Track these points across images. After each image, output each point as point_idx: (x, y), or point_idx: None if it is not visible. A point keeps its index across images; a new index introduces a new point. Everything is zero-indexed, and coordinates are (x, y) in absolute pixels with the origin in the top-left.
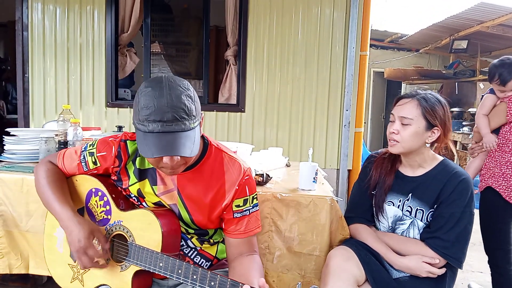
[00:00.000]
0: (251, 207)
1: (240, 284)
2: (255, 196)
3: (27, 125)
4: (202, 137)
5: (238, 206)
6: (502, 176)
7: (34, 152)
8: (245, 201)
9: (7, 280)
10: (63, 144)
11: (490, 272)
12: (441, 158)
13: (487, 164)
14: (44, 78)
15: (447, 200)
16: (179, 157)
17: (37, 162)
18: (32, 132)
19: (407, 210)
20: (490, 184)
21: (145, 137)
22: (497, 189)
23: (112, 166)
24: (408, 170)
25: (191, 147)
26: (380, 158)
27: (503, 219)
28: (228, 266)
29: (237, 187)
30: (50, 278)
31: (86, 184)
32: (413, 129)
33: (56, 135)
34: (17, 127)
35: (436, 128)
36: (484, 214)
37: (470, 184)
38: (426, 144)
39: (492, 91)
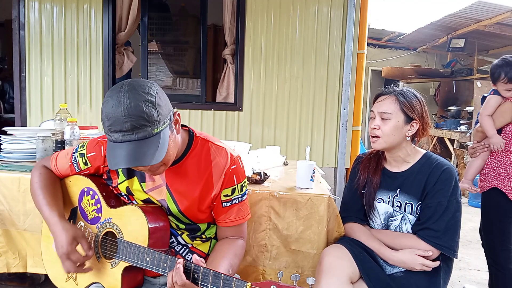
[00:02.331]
0: (240, 196)
1: (223, 275)
2: (243, 184)
3: (24, 124)
4: (188, 130)
5: (226, 195)
6: (508, 177)
7: (31, 151)
8: (234, 190)
9: (5, 280)
10: (60, 143)
11: (490, 272)
12: (423, 151)
13: (489, 164)
14: (41, 77)
15: (432, 190)
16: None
17: (34, 161)
18: (29, 131)
19: (397, 206)
20: (496, 185)
21: (110, 147)
22: (503, 190)
23: (102, 166)
24: (394, 166)
25: (153, 154)
26: (366, 159)
27: (508, 219)
28: None
29: (224, 176)
30: (47, 277)
31: (79, 184)
32: (393, 123)
33: (53, 134)
34: (14, 126)
35: (414, 121)
36: (488, 214)
37: (453, 173)
38: (407, 138)
39: (496, 92)
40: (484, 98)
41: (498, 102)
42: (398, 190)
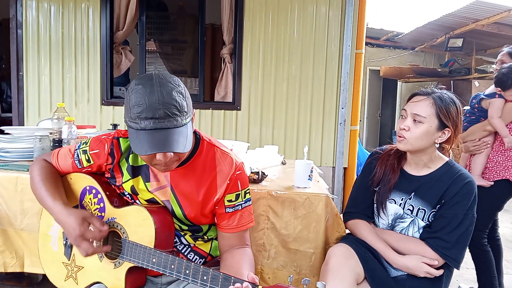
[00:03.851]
0: (243, 202)
1: (233, 277)
2: (247, 191)
3: (21, 123)
4: (194, 132)
5: (230, 201)
6: None
7: (29, 150)
8: (237, 196)
9: (2, 279)
10: (58, 142)
11: (471, 253)
12: (446, 158)
13: (493, 158)
14: (38, 76)
15: (450, 201)
16: (172, 154)
17: (32, 161)
18: (26, 130)
19: (408, 209)
20: (507, 176)
21: (138, 134)
22: None
23: (105, 164)
24: (413, 168)
25: (184, 143)
26: (385, 155)
27: (501, 206)
28: (220, 257)
29: (228, 182)
30: (45, 277)
31: (80, 182)
32: (424, 128)
33: (51, 133)
34: (12, 125)
35: (447, 129)
36: (486, 201)
37: (474, 187)
38: (436, 145)
39: (500, 96)
40: (474, 97)
41: (502, 104)
42: (413, 193)
